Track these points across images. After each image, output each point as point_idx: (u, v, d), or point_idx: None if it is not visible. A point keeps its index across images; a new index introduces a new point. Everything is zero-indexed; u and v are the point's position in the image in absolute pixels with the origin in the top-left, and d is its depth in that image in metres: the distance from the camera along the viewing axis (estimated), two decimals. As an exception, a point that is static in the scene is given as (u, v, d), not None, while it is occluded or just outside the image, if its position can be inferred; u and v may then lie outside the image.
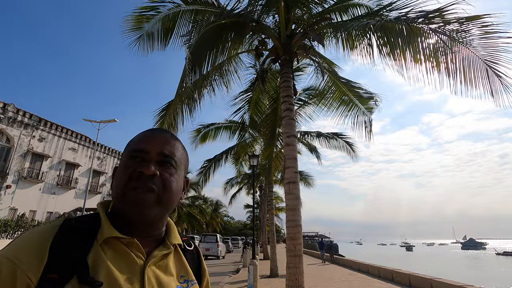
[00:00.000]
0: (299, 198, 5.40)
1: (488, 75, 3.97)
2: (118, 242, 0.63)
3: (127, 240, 0.64)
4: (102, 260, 0.59)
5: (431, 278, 8.82)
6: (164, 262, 0.69)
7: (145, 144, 0.70)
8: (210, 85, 7.02)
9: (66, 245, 0.58)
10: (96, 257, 0.59)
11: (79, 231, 0.62)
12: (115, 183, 0.68)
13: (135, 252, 0.64)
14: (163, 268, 0.68)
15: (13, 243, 0.57)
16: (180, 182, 0.74)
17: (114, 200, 0.68)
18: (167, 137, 0.73)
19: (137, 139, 0.72)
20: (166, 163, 0.69)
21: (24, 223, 15.57)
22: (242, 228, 66.53)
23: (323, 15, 6.37)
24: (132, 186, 0.64)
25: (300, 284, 4.83)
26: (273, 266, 12.63)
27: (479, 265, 42.46)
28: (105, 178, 30.99)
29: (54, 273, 0.54)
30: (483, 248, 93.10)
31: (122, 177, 0.66)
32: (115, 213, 0.68)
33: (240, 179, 25.02)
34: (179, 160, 0.73)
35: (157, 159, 0.68)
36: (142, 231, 0.68)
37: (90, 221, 0.65)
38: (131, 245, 0.64)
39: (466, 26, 4.00)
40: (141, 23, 6.07)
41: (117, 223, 0.65)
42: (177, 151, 0.73)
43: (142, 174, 0.65)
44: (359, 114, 7.71)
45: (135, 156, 0.68)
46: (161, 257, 0.69)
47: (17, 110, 22.32)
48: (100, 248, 0.61)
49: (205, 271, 0.84)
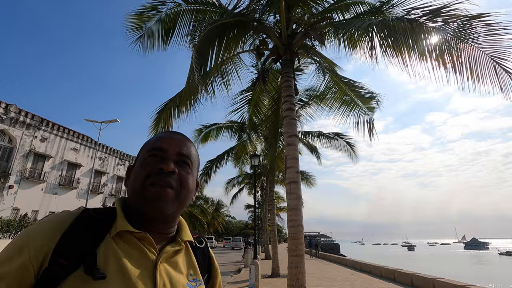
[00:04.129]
0: (301, 198, 5.38)
1: (496, 71, 3.93)
2: (131, 236, 0.64)
3: (140, 235, 0.65)
4: (114, 252, 0.60)
5: (433, 278, 8.78)
6: (175, 259, 0.70)
7: (164, 144, 0.72)
8: (211, 85, 7.03)
9: (79, 234, 0.60)
10: (107, 248, 0.60)
11: (94, 222, 0.63)
12: (132, 179, 0.70)
13: (147, 247, 0.65)
14: (173, 265, 0.69)
15: (35, 225, 0.61)
16: (194, 182, 0.76)
17: (130, 196, 0.69)
18: (184, 139, 0.77)
19: (156, 139, 0.74)
20: (183, 162, 0.72)
21: (26, 223, 15.61)
22: (243, 228, 66.59)
23: (324, 14, 6.35)
24: (151, 182, 0.66)
25: (302, 283, 4.82)
26: (274, 265, 12.63)
27: (481, 265, 42.29)
28: (107, 178, 31.05)
29: (63, 259, 0.56)
30: (486, 248, 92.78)
31: (141, 173, 0.68)
32: (131, 208, 0.69)
33: (241, 179, 25.06)
34: (194, 161, 0.76)
35: (175, 159, 0.71)
36: (156, 227, 0.69)
37: (107, 213, 0.67)
38: (144, 239, 0.65)
39: (470, 24, 3.97)
40: (142, 22, 6.06)
41: (132, 218, 0.67)
42: (192, 152, 0.76)
43: (162, 171, 0.67)
44: (361, 114, 7.68)
45: (154, 155, 0.70)
46: (172, 253, 0.70)
47: (19, 111, 22.39)
48: (112, 240, 0.62)
49: (216, 270, 0.84)
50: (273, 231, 14.74)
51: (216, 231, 53.25)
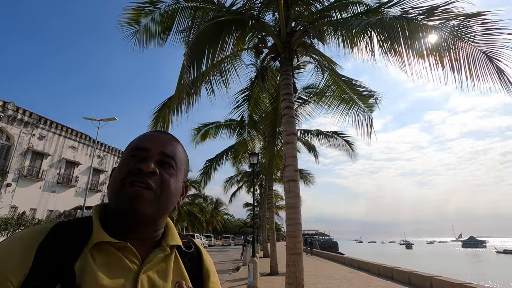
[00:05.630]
0: (299, 196, 5.39)
1: (493, 70, 3.95)
2: (110, 247, 0.60)
3: (119, 245, 0.60)
4: (90, 267, 0.56)
5: (431, 276, 8.82)
6: (162, 266, 0.65)
7: (146, 143, 0.68)
8: (209, 83, 7.01)
9: (53, 251, 0.56)
10: (84, 263, 0.56)
11: (69, 236, 0.59)
12: (112, 179, 0.66)
13: (128, 257, 0.61)
14: (160, 273, 0.64)
15: (4, 243, 0.56)
16: (179, 185, 0.71)
17: (109, 198, 0.65)
18: (169, 138, 0.72)
19: (138, 139, 0.70)
20: (166, 163, 0.67)
21: (24, 221, 15.61)
22: (242, 226, 66.68)
23: (323, 13, 6.35)
24: (129, 181, 0.62)
25: (300, 281, 4.83)
26: (273, 264, 12.66)
27: (479, 263, 42.54)
28: (105, 176, 31.01)
29: (37, 280, 0.52)
30: (484, 246, 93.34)
31: (120, 173, 0.64)
32: (111, 215, 0.65)
33: (240, 177, 25.08)
34: (180, 162, 0.71)
35: (158, 159, 0.66)
36: (137, 233, 0.65)
37: (82, 225, 0.62)
38: (124, 249, 0.61)
39: (467, 23, 3.97)
40: (138, 17, 5.99)
41: (111, 227, 0.62)
42: (178, 153, 0.71)
43: (141, 171, 0.63)
44: (360, 112, 7.68)
45: (135, 155, 0.66)
46: (159, 261, 0.65)
47: (17, 108, 22.31)
48: (89, 254, 0.57)
49: (207, 272, 0.77)
50: (271, 229, 14.75)
51: (215, 230, 53.32)
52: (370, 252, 67.91)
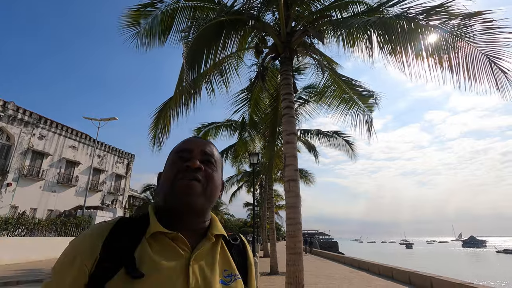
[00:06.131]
0: (299, 196, 5.39)
1: (493, 70, 3.93)
2: (164, 237, 0.70)
3: (172, 235, 0.70)
4: (147, 254, 0.66)
5: (431, 275, 8.82)
6: (210, 255, 0.74)
7: (188, 145, 0.80)
8: (209, 83, 7.00)
9: (116, 241, 0.67)
10: (143, 250, 0.66)
11: (130, 228, 0.70)
12: (163, 179, 0.77)
13: (180, 245, 0.70)
14: (208, 261, 0.72)
15: (79, 236, 0.70)
16: (219, 180, 0.82)
17: (161, 195, 0.75)
18: (207, 141, 0.85)
19: (182, 143, 0.83)
20: (208, 161, 0.79)
21: (24, 221, 15.55)
22: (242, 226, 66.66)
23: (323, 12, 6.34)
24: (180, 177, 0.73)
25: (300, 281, 4.84)
26: (273, 263, 12.66)
27: (479, 263, 42.52)
28: (105, 176, 31.00)
29: (106, 263, 0.64)
30: (484, 246, 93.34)
31: (171, 172, 0.75)
32: (164, 209, 0.75)
33: (240, 177, 25.06)
34: (218, 160, 0.83)
35: (200, 158, 0.78)
36: (187, 224, 0.74)
37: (141, 219, 0.74)
38: (177, 239, 0.70)
39: (468, 22, 3.97)
40: (138, 18, 5.99)
41: (165, 220, 0.72)
42: (215, 153, 0.83)
43: (189, 168, 0.74)
44: (360, 112, 7.68)
45: (181, 156, 0.78)
46: (207, 250, 0.74)
47: (17, 108, 22.29)
48: (147, 242, 0.68)
49: (250, 266, 0.87)
50: (271, 229, 14.75)
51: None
52: (370, 251, 67.96)
